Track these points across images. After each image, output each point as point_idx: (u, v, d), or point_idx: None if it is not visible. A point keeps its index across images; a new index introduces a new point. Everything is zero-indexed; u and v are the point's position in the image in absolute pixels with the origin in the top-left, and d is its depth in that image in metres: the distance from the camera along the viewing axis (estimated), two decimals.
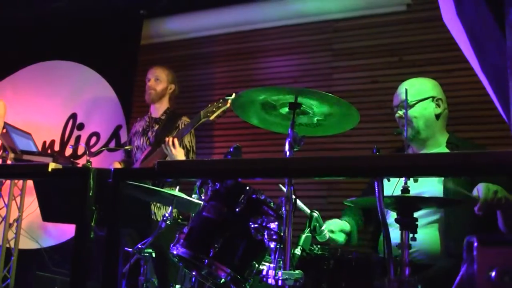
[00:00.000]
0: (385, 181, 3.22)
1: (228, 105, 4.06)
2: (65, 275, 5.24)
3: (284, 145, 2.52)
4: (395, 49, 4.92)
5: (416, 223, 2.49)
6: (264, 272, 2.38)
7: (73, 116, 6.17)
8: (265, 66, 5.45)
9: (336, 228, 3.24)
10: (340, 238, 3.25)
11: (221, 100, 4.13)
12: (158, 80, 4.73)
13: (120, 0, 5.76)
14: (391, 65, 4.89)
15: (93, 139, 5.96)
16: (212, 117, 4.13)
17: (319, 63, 5.24)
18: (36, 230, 5.79)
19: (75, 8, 6.02)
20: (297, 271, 2.33)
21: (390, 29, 4.99)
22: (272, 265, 2.39)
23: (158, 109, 4.74)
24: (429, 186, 3.16)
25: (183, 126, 4.49)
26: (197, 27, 5.85)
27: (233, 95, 3.98)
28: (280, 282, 2.29)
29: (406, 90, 3.02)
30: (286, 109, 2.62)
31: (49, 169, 2.12)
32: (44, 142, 6.23)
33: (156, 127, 4.63)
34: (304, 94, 2.52)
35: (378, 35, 5.02)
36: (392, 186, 2.98)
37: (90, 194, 2.07)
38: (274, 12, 5.45)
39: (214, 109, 4.13)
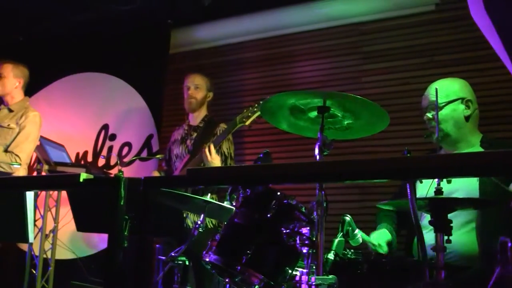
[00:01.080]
0: (417, 183, 3.20)
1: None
2: (101, 284, 5.27)
3: (314, 149, 2.51)
4: (425, 50, 4.87)
5: (451, 225, 2.45)
6: (297, 278, 2.37)
7: (105, 127, 6.23)
8: (294, 71, 5.44)
9: (383, 242, 3.21)
10: (385, 249, 3.22)
11: (256, 105, 4.13)
12: (198, 88, 4.71)
13: (147, 11, 5.80)
14: (422, 66, 4.84)
15: (125, 149, 6.01)
16: (247, 123, 4.13)
17: (348, 67, 5.21)
18: (72, 240, 5.85)
19: (104, 21, 6.09)
20: (330, 276, 2.31)
21: (419, 30, 4.94)
22: (305, 271, 2.38)
23: (197, 117, 4.72)
24: (464, 186, 3.10)
25: (220, 133, 4.48)
26: (225, 35, 5.87)
27: (261, 102, 3.99)
28: None
29: (436, 90, 2.99)
30: (315, 113, 2.61)
31: (81, 179, 2.13)
32: (77, 154, 6.31)
33: (195, 135, 4.62)
34: (333, 97, 2.51)
35: (407, 36, 4.98)
36: (425, 188, 2.94)
37: (121, 203, 2.06)
38: (301, 17, 5.44)
39: (249, 114, 4.13)
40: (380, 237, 3.23)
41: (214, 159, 4.15)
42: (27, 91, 4.96)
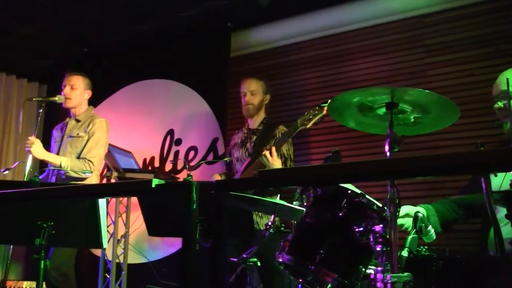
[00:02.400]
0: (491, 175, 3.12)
1: (325, 112, 3.99)
2: (175, 287, 5.35)
3: (384, 146, 2.48)
4: (489, 39, 4.75)
5: None
6: (372, 276, 2.34)
7: (171, 132, 6.34)
8: (356, 68, 5.39)
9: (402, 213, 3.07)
10: (406, 223, 3.06)
11: (317, 108, 4.08)
12: (254, 93, 4.69)
13: (207, 16, 5.86)
14: (487, 56, 4.72)
15: (191, 153, 6.09)
16: (309, 125, 4.09)
17: (412, 61, 5.13)
18: (143, 244, 5.97)
19: (166, 28, 6.19)
20: (405, 274, 2.28)
21: (482, 19, 4.82)
22: (379, 268, 2.35)
23: (256, 121, 4.72)
24: None
25: (280, 135, 4.48)
26: (285, 35, 5.87)
27: (329, 101, 3.96)
28: (389, 286, 2.25)
29: (507, 80, 2.91)
30: (383, 110, 2.58)
31: (153, 185, 2.15)
32: (145, 159, 6.43)
33: (254, 138, 4.62)
34: (400, 93, 2.47)
35: (470, 27, 4.87)
36: (498, 181, 2.87)
37: (194, 207, 2.08)
38: (361, 13, 5.39)
39: (310, 116, 4.08)
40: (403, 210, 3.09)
41: (275, 162, 4.15)
42: (93, 101, 5.07)
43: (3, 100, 7.50)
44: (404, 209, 3.08)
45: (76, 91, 4.75)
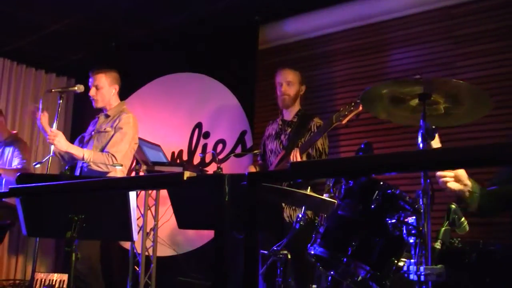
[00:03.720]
0: None
1: (361, 108, 3.95)
2: (203, 280, 5.38)
3: (415, 138, 2.46)
4: None
5: None
6: (405, 268, 2.33)
7: (199, 126, 6.35)
8: (385, 60, 5.34)
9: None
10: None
11: (353, 104, 4.03)
12: (291, 84, 4.65)
13: (234, 9, 5.86)
14: None
15: (220, 146, 6.10)
16: (344, 121, 4.06)
17: (441, 52, 5.07)
18: (172, 237, 6.00)
19: (193, 21, 6.20)
20: (438, 266, 2.26)
21: (510, 10, 4.75)
22: (412, 261, 2.34)
23: (291, 112, 4.67)
24: None
25: (315, 128, 4.43)
26: (313, 27, 5.85)
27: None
28: (422, 278, 2.24)
29: None
30: (416, 101, 2.56)
31: (185, 178, 2.15)
32: (173, 153, 6.46)
33: (289, 130, 4.58)
34: (433, 84, 2.45)
35: (499, 17, 4.79)
36: None
37: (226, 199, 2.08)
38: (389, 5, 5.35)
39: (346, 112, 4.03)
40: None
41: None
42: (122, 94, 5.05)
43: (32, 95, 7.59)
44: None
45: (101, 91, 4.71)
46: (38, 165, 4.49)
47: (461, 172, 2.90)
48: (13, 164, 5.71)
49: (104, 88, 4.70)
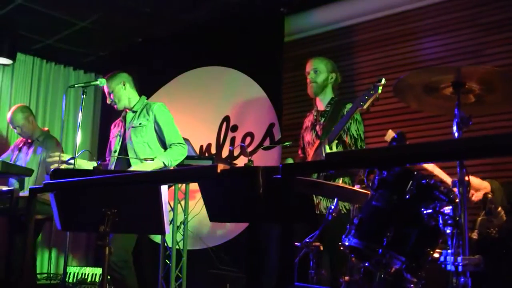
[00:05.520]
0: None
1: (380, 91, 3.94)
2: (234, 272, 5.39)
3: (447, 127, 2.44)
4: None
5: None
6: (442, 259, 2.31)
7: (226, 119, 6.37)
8: (412, 49, 5.28)
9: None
10: None
11: (372, 87, 4.02)
12: (318, 72, 4.60)
13: (259, 1, 5.85)
14: None
15: (248, 139, 6.11)
16: (365, 107, 4.03)
17: (468, 40, 5.00)
18: (201, 231, 6.03)
19: (218, 15, 6.21)
20: (476, 256, 2.24)
21: None
22: (449, 251, 2.32)
23: (323, 101, 4.59)
24: None
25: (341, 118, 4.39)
26: (339, 18, 5.81)
27: (383, 80, 3.90)
28: (460, 268, 2.22)
29: None
30: (450, 89, 2.53)
31: (218, 170, 2.15)
32: (201, 146, 6.49)
33: (322, 120, 4.55)
34: (466, 72, 2.42)
35: None
36: None
37: (260, 191, 2.07)
38: None
39: (366, 97, 4.02)
40: None
41: None
42: (148, 90, 5.08)
43: (61, 92, 7.67)
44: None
45: (116, 94, 4.77)
46: (72, 161, 4.53)
47: (474, 181, 2.89)
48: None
49: (114, 90, 4.76)
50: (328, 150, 4.07)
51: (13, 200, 4.90)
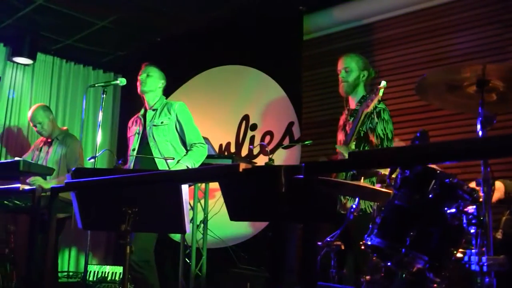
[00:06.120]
0: None
1: (381, 94, 3.91)
2: (254, 271, 5.39)
3: (470, 125, 2.41)
4: None
5: None
6: (466, 258, 2.29)
7: (246, 118, 6.36)
8: (433, 47, 5.24)
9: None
10: None
11: (374, 90, 3.98)
12: (349, 70, 4.51)
13: (278, 0, 5.84)
14: None
15: (267, 138, 6.10)
16: (368, 110, 4.01)
17: (490, 37, 4.96)
18: (221, 230, 6.02)
19: (236, 14, 6.20)
20: (501, 256, 2.22)
21: None
22: (473, 251, 2.30)
23: (354, 99, 4.50)
24: None
25: (375, 112, 4.32)
26: (358, 16, 5.79)
27: (382, 83, 3.87)
28: (485, 268, 2.20)
29: None
30: (473, 88, 2.50)
31: (240, 169, 2.14)
32: (220, 145, 6.49)
33: (351, 119, 4.48)
34: (491, 69, 2.40)
35: None
36: None
37: (283, 190, 2.07)
38: None
39: (369, 100, 3.99)
40: None
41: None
42: (167, 89, 5.09)
43: (81, 91, 7.72)
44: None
45: (151, 78, 4.81)
46: (92, 160, 4.56)
47: None
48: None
49: (154, 77, 4.81)
50: (345, 152, 4.06)
51: (35, 199, 4.94)
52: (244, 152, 6.30)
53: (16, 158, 5.12)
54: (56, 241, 5.83)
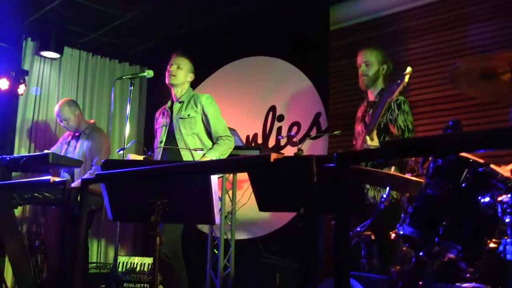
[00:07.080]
0: None
1: (407, 79, 3.86)
2: (284, 262, 5.39)
3: (506, 114, 2.39)
4: None
5: None
6: (501, 248, 2.27)
7: (273, 109, 6.37)
8: (458, 36, 5.15)
9: None
10: None
11: (399, 77, 3.93)
12: (369, 64, 4.51)
13: None
14: None
15: (294, 129, 6.09)
16: (394, 97, 3.97)
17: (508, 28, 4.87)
18: (250, 220, 6.04)
19: (262, 5, 6.19)
20: None
21: None
22: (509, 240, 2.27)
23: (373, 92, 4.53)
24: None
25: (394, 105, 4.25)
26: (385, 5, 5.71)
27: (408, 69, 3.81)
28: None
29: None
30: (508, 75, 2.47)
31: (271, 160, 2.14)
32: (248, 136, 6.50)
33: (371, 111, 4.47)
34: None
35: None
36: None
37: (315, 180, 2.06)
38: None
39: (395, 86, 3.94)
40: None
41: (376, 144, 4.01)
42: (194, 81, 5.10)
43: (107, 84, 7.78)
44: None
45: (181, 70, 4.82)
46: (121, 152, 4.59)
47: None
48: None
49: (184, 70, 4.82)
50: (368, 141, 4.03)
51: (65, 191, 4.98)
52: (271, 143, 6.30)
53: (45, 151, 5.17)
54: (87, 233, 5.89)
